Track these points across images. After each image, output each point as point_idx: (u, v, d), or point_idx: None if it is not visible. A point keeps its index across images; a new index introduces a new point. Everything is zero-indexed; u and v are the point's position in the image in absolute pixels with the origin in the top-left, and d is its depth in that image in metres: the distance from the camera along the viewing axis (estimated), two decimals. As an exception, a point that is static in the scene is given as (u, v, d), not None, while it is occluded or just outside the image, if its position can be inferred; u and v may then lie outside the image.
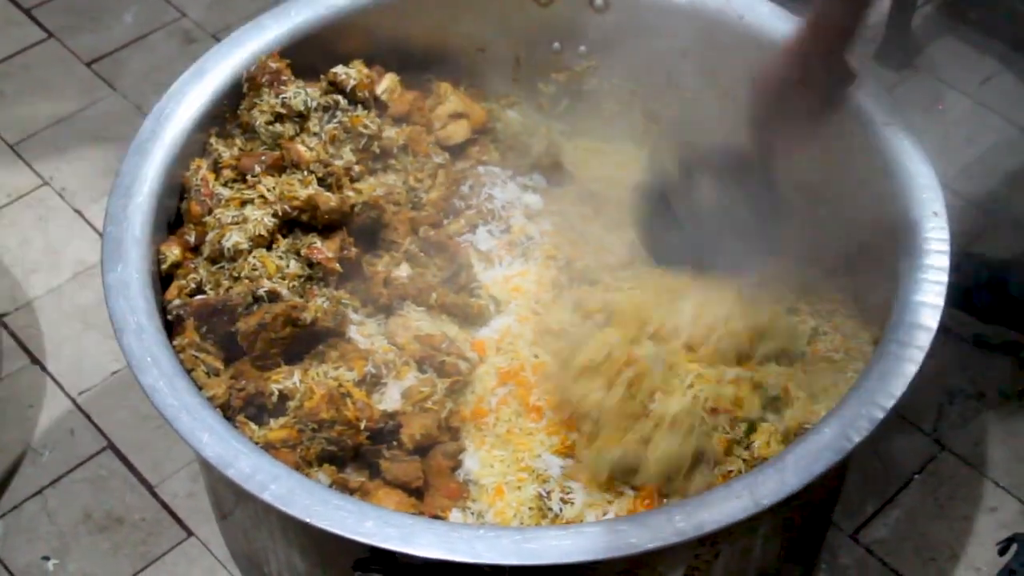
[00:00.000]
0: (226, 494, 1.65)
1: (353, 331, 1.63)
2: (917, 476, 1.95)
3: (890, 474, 1.95)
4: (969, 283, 2.02)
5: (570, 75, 2.01)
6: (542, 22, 1.95)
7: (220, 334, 1.58)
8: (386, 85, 1.86)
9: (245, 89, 1.77)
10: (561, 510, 1.51)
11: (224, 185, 1.71)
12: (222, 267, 1.63)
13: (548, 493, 1.52)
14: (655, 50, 1.90)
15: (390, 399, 1.57)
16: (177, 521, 1.91)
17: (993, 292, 2.07)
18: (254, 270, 1.61)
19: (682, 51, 1.88)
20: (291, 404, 1.51)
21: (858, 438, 1.36)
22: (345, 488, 1.49)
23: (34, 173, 2.41)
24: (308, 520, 1.31)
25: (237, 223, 1.64)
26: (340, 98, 1.78)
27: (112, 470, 1.97)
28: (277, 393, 1.52)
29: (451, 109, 1.90)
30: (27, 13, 2.72)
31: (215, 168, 1.73)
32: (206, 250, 1.64)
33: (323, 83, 1.80)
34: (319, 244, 1.66)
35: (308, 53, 1.83)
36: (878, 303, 1.57)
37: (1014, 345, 2.10)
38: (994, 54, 2.58)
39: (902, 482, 1.94)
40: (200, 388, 1.49)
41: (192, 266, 1.64)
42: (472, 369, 1.63)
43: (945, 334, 1.47)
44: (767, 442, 1.50)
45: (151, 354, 1.45)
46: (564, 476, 1.54)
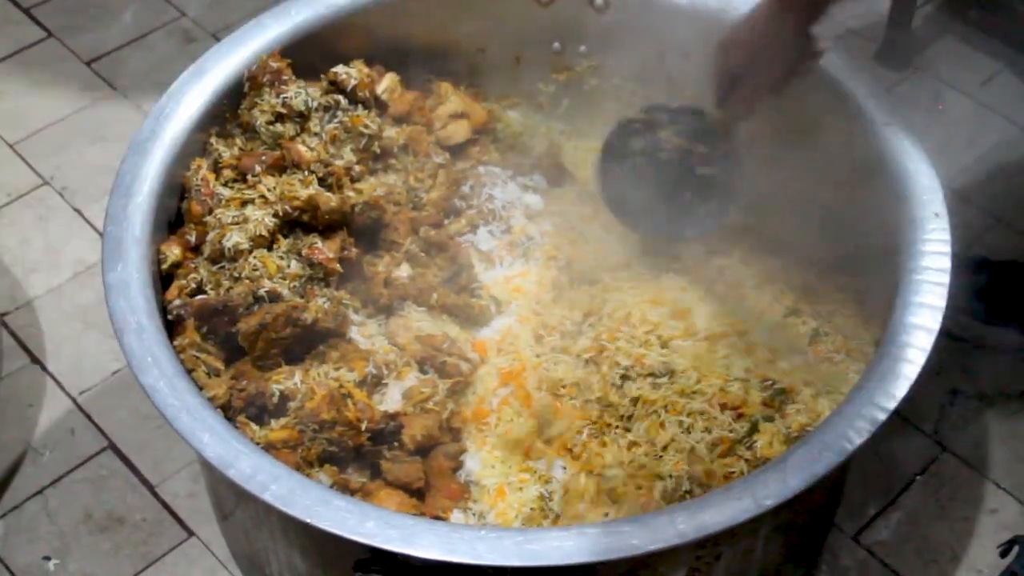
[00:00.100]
0: (227, 495, 1.65)
1: (354, 331, 1.63)
2: (918, 477, 1.94)
3: (891, 475, 1.94)
4: (970, 284, 2.02)
5: (570, 75, 2.01)
6: (542, 22, 1.95)
7: (221, 334, 1.58)
8: (387, 85, 1.86)
9: (246, 89, 1.77)
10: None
11: (225, 185, 1.71)
12: (223, 267, 1.63)
13: (550, 494, 1.51)
14: (656, 50, 1.90)
15: (391, 400, 1.57)
16: (178, 521, 1.90)
17: (994, 293, 2.07)
18: (255, 270, 1.61)
19: (683, 51, 1.88)
20: (292, 405, 1.51)
21: (859, 439, 1.36)
22: (346, 489, 1.49)
23: (34, 172, 2.41)
24: (309, 521, 1.31)
25: (238, 223, 1.64)
26: (341, 98, 1.78)
27: (113, 470, 1.96)
28: (278, 394, 1.52)
29: (452, 109, 1.90)
30: (26, 12, 2.71)
31: (215, 168, 1.73)
32: (207, 250, 1.64)
33: (324, 83, 1.80)
34: (320, 244, 1.65)
35: (309, 53, 1.83)
36: (879, 304, 1.57)
37: (1015, 346, 2.10)
38: (995, 54, 2.57)
39: (903, 483, 1.94)
40: (201, 388, 1.49)
41: (192, 266, 1.64)
42: (473, 370, 1.63)
43: (946, 335, 1.46)
44: (769, 442, 1.50)
45: (152, 354, 1.45)
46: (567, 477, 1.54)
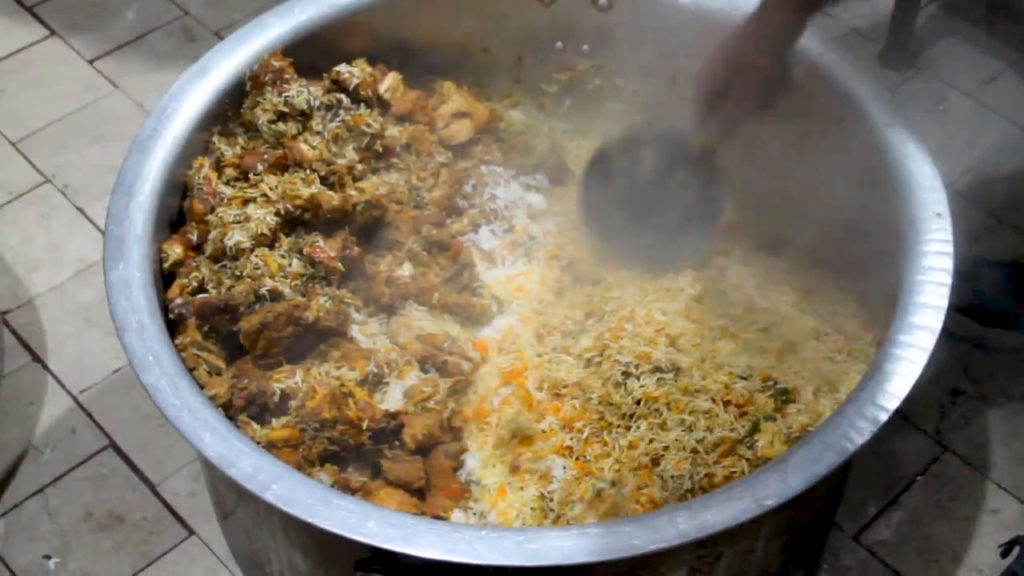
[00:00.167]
0: (228, 494, 1.65)
1: (355, 330, 1.63)
2: (920, 477, 1.94)
3: (892, 475, 1.94)
4: (971, 284, 2.02)
5: (573, 74, 2.00)
6: (545, 21, 1.95)
7: (222, 333, 1.58)
8: (389, 84, 1.86)
9: (248, 87, 1.77)
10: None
11: (226, 184, 1.71)
12: (224, 266, 1.63)
13: (550, 494, 1.51)
14: (658, 50, 1.90)
15: (392, 399, 1.57)
16: (178, 520, 1.90)
17: (994, 294, 2.07)
18: (256, 269, 1.61)
19: (686, 50, 1.88)
20: (293, 404, 1.51)
21: (861, 440, 1.36)
22: (347, 488, 1.49)
23: (36, 171, 2.41)
24: (310, 520, 1.30)
25: (239, 222, 1.64)
26: (343, 97, 1.78)
27: (113, 468, 1.96)
28: (279, 392, 1.52)
29: (454, 108, 1.90)
30: (29, 11, 2.71)
31: (217, 166, 1.73)
32: (208, 249, 1.64)
33: (326, 82, 1.80)
34: (321, 243, 1.65)
35: (311, 51, 1.82)
36: (881, 304, 1.57)
37: (1016, 346, 2.10)
38: (997, 55, 2.57)
39: (904, 483, 1.94)
40: (202, 387, 1.49)
41: (194, 265, 1.64)
42: (474, 369, 1.63)
43: (947, 335, 1.46)
44: (771, 442, 1.50)
45: (153, 353, 1.45)
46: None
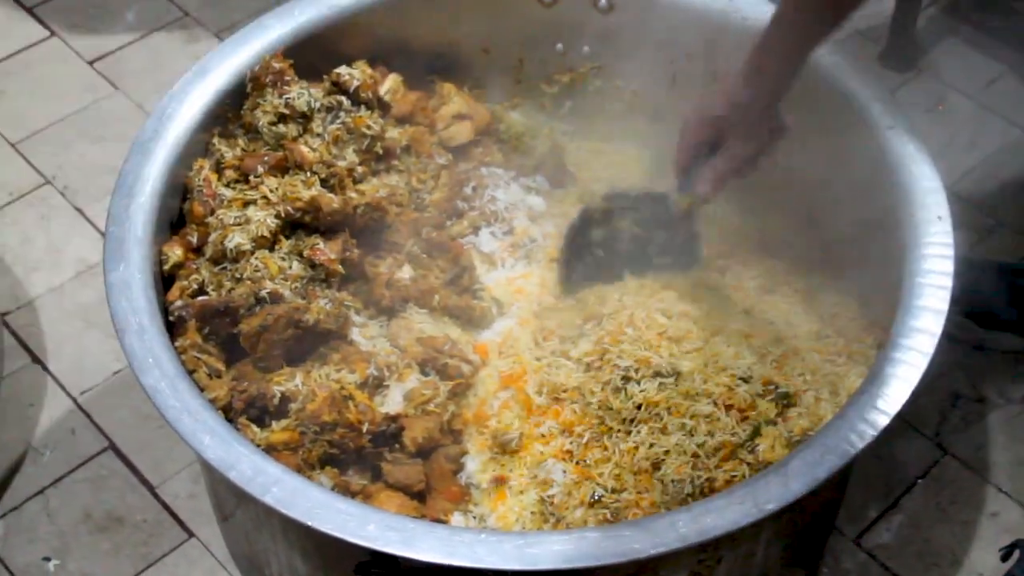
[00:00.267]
0: (227, 496, 1.65)
1: (355, 333, 1.62)
2: (920, 480, 1.94)
3: (892, 479, 1.94)
4: (971, 287, 2.01)
5: (573, 76, 2.00)
6: (545, 23, 1.95)
7: (222, 335, 1.58)
8: (389, 86, 1.85)
9: (248, 89, 1.76)
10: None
11: (227, 186, 1.70)
12: (224, 268, 1.63)
13: (550, 498, 1.51)
14: (659, 51, 1.90)
15: (392, 402, 1.56)
16: (178, 522, 1.90)
17: (995, 296, 2.07)
18: (256, 271, 1.61)
19: (686, 52, 1.88)
20: (293, 406, 1.51)
21: (861, 443, 1.36)
22: (347, 491, 1.49)
23: (36, 172, 2.40)
24: (310, 523, 1.30)
25: (239, 224, 1.64)
26: (343, 99, 1.78)
27: (113, 470, 1.96)
28: (279, 395, 1.51)
29: (454, 110, 1.90)
30: (29, 12, 2.71)
31: (218, 168, 1.73)
32: (208, 251, 1.64)
33: (326, 83, 1.80)
34: (322, 245, 1.65)
35: (311, 53, 1.82)
36: (881, 307, 1.57)
37: (1016, 349, 2.09)
38: (998, 56, 2.57)
39: (905, 487, 1.93)
40: (202, 389, 1.49)
41: (194, 267, 1.63)
42: (474, 372, 1.63)
43: (947, 338, 1.46)
44: (771, 446, 1.49)
45: (153, 355, 1.45)
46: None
